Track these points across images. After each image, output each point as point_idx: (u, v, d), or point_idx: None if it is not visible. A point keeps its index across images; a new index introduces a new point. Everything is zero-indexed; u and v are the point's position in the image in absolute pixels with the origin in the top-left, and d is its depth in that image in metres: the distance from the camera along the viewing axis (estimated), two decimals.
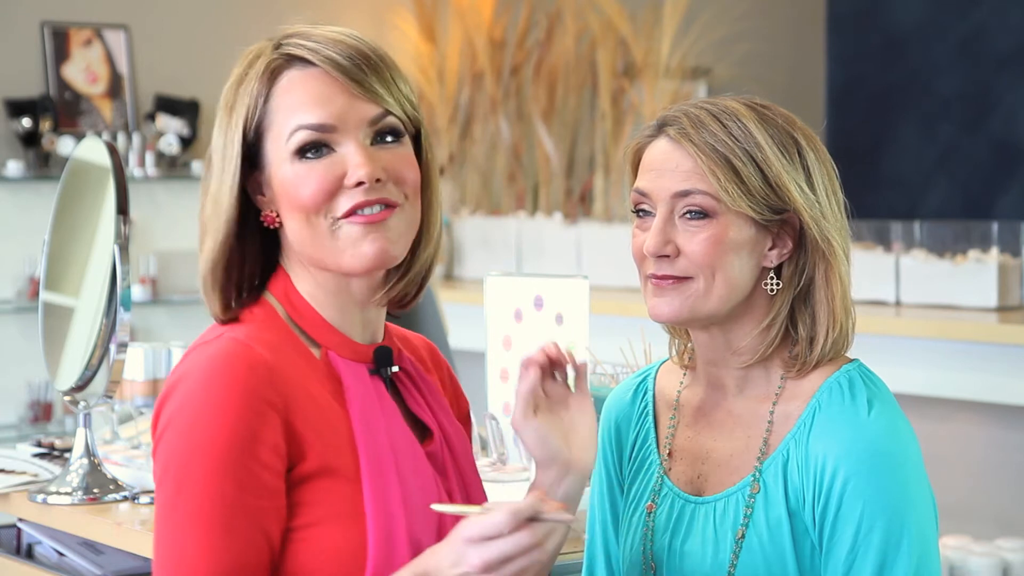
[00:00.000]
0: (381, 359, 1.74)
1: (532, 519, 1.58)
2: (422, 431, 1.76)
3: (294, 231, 1.68)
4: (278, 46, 1.70)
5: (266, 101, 1.67)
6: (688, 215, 1.79)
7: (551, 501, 1.62)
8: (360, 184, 1.65)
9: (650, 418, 1.93)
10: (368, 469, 1.65)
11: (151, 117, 5.85)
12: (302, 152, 1.66)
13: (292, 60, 1.68)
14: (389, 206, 1.67)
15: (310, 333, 1.71)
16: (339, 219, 1.66)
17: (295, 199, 1.66)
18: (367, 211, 1.66)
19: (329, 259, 1.68)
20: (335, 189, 1.66)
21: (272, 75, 1.68)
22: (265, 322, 1.69)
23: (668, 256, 1.79)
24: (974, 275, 4.56)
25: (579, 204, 6.28)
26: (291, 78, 1.67)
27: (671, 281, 1.79)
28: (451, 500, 1.74)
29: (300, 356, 1.68)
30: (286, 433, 1.62)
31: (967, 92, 7.17)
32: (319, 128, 1.66)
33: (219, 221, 1.69)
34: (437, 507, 1.64)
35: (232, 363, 1.61)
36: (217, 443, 1.59)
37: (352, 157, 1.66)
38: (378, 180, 1.66)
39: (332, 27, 1.71)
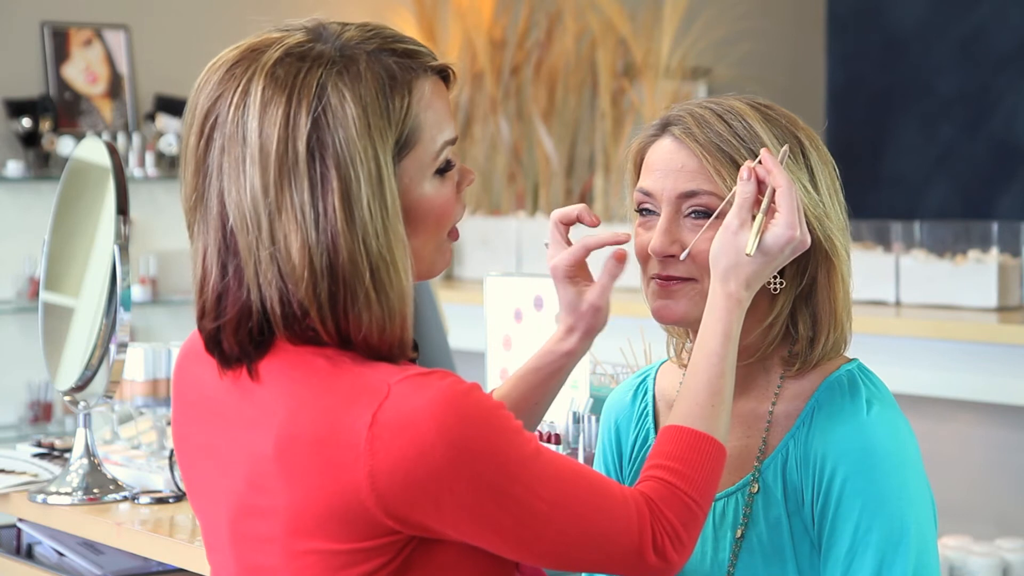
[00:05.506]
0: None
1: None
2: None
3: (420, 245, 1.58)
4: (396, 50, 1.54)
5: (407, 117, 1.53)
6: (694, 215, 1.78)
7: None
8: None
9: (650, 419, 1.93)
10: None
11: (151, 117, 5.85)
12: (444, 169, 1.58)
13: (423, 69, 1.55)
14: None
15: None
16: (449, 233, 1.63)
17: (441, 216, 1.58)
18: None
19: (425, 267, 1.60)
20: None
21: (409, 86, 1.53)
22: None
23: (674, 256, 1.78)
24: (974, 275, 4.56)
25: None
26: (426, 89, 1.55)
27: (676, 283, 1.79)
28: None
29: None
30: None
31: (967, 92, 7.17)
32: (455, 143, 1.60)
33: (397, 245, 1.51)
34: None
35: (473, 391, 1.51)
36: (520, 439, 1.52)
37: (456, 174, 1.62)
38: None
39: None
